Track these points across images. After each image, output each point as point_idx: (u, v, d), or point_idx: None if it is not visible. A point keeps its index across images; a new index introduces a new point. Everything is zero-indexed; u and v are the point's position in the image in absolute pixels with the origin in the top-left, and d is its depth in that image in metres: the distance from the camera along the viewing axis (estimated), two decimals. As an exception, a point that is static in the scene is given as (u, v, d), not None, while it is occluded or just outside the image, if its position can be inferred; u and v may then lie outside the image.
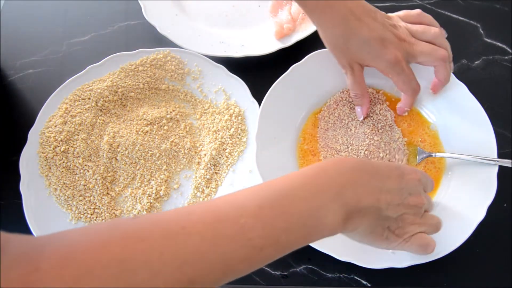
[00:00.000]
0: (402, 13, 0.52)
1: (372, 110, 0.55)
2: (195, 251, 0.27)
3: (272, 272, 0.48)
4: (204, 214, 0.29)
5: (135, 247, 0.25)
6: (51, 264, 0.23)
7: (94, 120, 0.56)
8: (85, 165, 0.53)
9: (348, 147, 0.52)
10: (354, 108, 0.55)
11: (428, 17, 0.52)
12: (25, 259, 0.23)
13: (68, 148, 0.54)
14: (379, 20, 0.48)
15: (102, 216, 0.52)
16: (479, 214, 0.46)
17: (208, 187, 0.53)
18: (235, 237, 0.28)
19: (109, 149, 0.54)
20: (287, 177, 0.33)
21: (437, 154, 0.51)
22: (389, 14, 0.51)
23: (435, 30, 0.50)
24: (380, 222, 0.36)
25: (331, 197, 0.32)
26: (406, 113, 0.54)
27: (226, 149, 0.55)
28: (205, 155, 0.55)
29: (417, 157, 0.52)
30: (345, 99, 0.55)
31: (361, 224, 0.35)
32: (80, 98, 0.57)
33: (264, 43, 0.62)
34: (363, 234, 0.37)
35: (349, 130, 0.54)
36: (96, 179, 0.53)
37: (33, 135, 0.54)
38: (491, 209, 0.46)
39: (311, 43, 0.61)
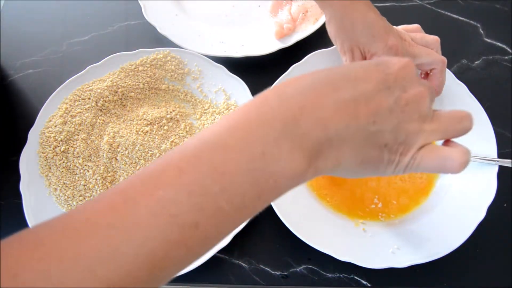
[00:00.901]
0: (401, 27, 0.53)
1: None
2: (105, 248, 0.21)
3: (272, 272, 0.48)
4: (115, 196, 0.22)
5: (31, 256, 0.20)
6: None
7: (94, 120, 0.56)
8: (85, 165, 0.53)
9: None
10: None
11: (427, 35, 0.52)
12: None
13: (68, 148, 0.54)
14: (383, 17, 0.49)
15: (102, 216, 0.51)
16: (479, 214, 0.46)
17: (208, 187, 0.53)
18: (154, 218, 0.21)
19: (109, 149, 0.54)
20: (219, 120, 0.25)
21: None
22: None
23: (433, 37, 0.51)
24: (371, 143, 0.26)
25: (278, 135, 0.24)
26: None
27: (226, 149, 0.55)
28: (205, 155, 0.55)
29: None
30: None
31: (342, 157, 0.26)
32: (80, 98, 0.57)
33: (264, 43, 0.62)
34: (353, 168, 0.27)
35: None
36: (96, 179, 0.53)
37: (33, 135, 0.54)
38: (491, 209, 0.46)
39: (311, 43, 0.61)
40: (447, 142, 0.30)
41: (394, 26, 0.52)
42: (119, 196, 0.22)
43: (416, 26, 0.53)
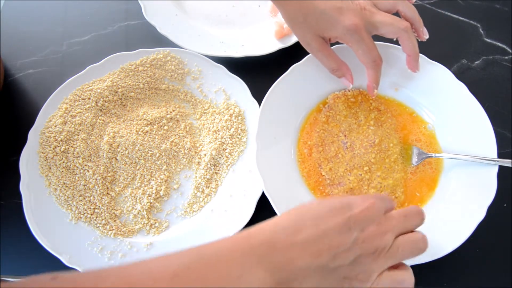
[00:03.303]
0: None
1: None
2: None
3: (272, 272, 0.48)
4: (116, 281, 0.27)
5: None
6: None
7: (94, 120, 0.56)
8: (85, 165, 0.53)
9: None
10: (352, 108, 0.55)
11: None
12: None
13: (68, 148, 0.54)
14: None
15: (102, 216, 0.52)
16: (479, 214, 0.46)
17: (208, 187, 0.53)
18: None
19: (109, 149, 0.54)
20: (212, 242, 0.31)
21: (437, 155, 0.51)
22: None
23: None
24: (331, 277, 0.31)
25: (254, 261, 0.29)
26: (376, 92, 0.51)
27: (226, 149, 0.55)
28: (205, 155, 0.55)
29: (416, 157, 0.52)
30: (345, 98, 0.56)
31: (304, 286, 0.30)
32: (80, 98, 0.57)
33: (264, 43, 0.62)
34: None
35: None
36: (96, 179, 0.53)
37: (33, 135, 0.54)
38: (491, 209, 0.46)
39: (311, 43, 0.61)
40: (398, 265, 0.35)
41: None
42: (122, 281, 0.27)
43: None
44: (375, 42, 0.49)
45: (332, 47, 0.53)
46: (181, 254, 0.29)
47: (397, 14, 0.50)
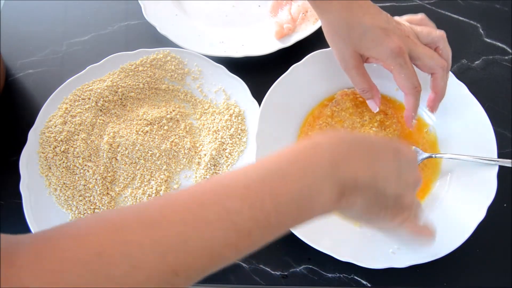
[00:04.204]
0: (406, 16, 0.51)
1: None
2: (176, 239, 0.25)
3: (272, 272, 0.48)
4: (188, 199, 0.27)
5: (114, 239, 0.24)
6: (26, 259, 0.22)
7: (94, 120, 0.56)
8: (85, 165, 0.53)
9: None
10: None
11: (432, 23, 0.51)
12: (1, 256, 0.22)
13: (68, 148, 0.54)
14: (383, 13, 0.47)
15: (102, 216, 0.51)
16: (479, 214, 0.46)
17: (208, 187, 0.53)
18: (220, 222, 0.26)
19: (109, 149, 0.54)
20: (277, 154, 0.30)
21: (437, 155, 0.51)
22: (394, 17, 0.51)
23: (440, 33, 0.49)
24: (377, 200, 0.33)
25: (325, 174, 0.30)
26: (415, 122, 0.51)
27: (226, 149, 0.55)
28: (205, 155, 0.55)
29: (417, 158, 0.52)
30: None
31: (356, 202, 0.32)
32: (80, 98, 0.57)
33: (264, 43, 0.62)
34: (358, 213, 0.34)
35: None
36: (96, 179, 0.53)
37: (33, 135, 0.54)
38: (491, 209, 0.46)
39: (311, 43, 0.61)
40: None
41: (398, 18, 0.50)
42: (192, 199, 0.27)
43: (421, 16, 0.51)
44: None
45: (318, 51, 0.53)
46: (248, 168, 0.29)
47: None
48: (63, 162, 0.53)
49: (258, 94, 0.55)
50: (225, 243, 0.26)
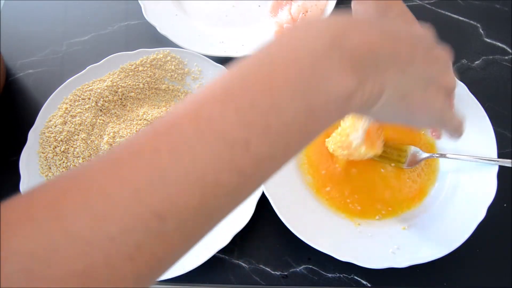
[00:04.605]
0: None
1: None
2: (149, 172, 0.19)
3: (272, 272, 0.48)
4: (157, 126, 0.21)
5: (96, 177, 0.19)
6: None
7: (94, 120, 0.56)
8: (85, 165, 0.53)
9: None
10: None
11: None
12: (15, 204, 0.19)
13: (68, 148, 0.54)
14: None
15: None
16: (479, 214, 0.46)
17: (208, 187, 0.53)
18: (200, 137, 0.20)
19: (109, 149, 0.54)
20: (264, 45, 0.24)
21: (438, 155, 0.51)
22: None
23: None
24: (411, 80, 0.26)
25: (326, 46, 0.22)
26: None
27: (226, 149, 0.55)
28: (205, 155, 0.55)
29: (417, 158, 0.52)
30: None
31: (386, 84, 0.24)
32: (80, 98, 0.57)
33: (264, 43, 0.62)
34: (395, 104, 0.26)
35: None
36: (96, 179, 0.53)
37: (33, 135, 0.54)
38: (491, 209, 0.46)
39: (311, 43, 0.61)
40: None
41: None
42: (162, 124, 0.21)
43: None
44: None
45: None
46: (223, 75, 0.22)
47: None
48: (63, 162, 0.53)
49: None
50: (216, 163, 0.19)
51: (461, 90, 0.53)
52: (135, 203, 0.18)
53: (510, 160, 0.48)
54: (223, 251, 0.47)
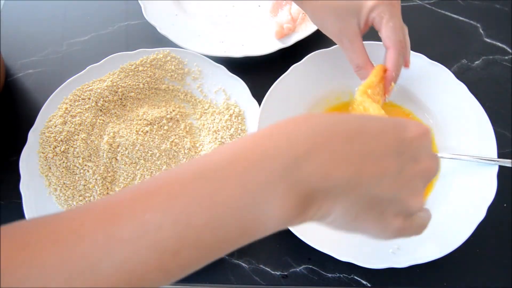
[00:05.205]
0: None
1: None
2: (84, 261, 0.20)
3: (272, 272, 0.48)
4: (102, 211, 0.22)
5: (16, 258, 0.20)
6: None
7: (94, 120, 0.56)
8: (85, 165, 0.53)
9: None
10: None
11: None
12: None
13: (68, 148, 0.54)
14: None
15: (102, 216, 0.51)
16: (479, 214, 0.46)
17: (208, 187, 0.53)
18: (136, 240, 0.21)
19: (109, 149, 0.54)
20: (223, 147, 0.24)
21: (438, 155, 0.51)
22: None
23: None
24: (366, 204, 0.25)
25: (275, 175, 0.22)
26: (395, 89, 0.48)
27: (226, 149, 0.55)
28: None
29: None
30: None
31: (333, 210, 0.24)
32: (80, 98, 0.57)
33: (264, 43, 0.62)
34: (342, 223, 0.26)
35: None
36: (96, 179, 0.53)
37: (33, 135, 0.54)
38: (491, 209, 0.46)
39: (311, 43, 0.61)
40: None
41: None
42: (109, 209, 0.22)
43: None
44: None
45: (318, 51, 0.53)
46: (180, 166, 0.24)
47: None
48: (63, 162, 0.53)
49: (258, 94, 0.55)
50: (144, 266, 0.21)
51: (461, 90, 0.53)
52: (66, 286, 0.20)
53: (510, 160, 0.48)
54: (223, 251, 0.47)
